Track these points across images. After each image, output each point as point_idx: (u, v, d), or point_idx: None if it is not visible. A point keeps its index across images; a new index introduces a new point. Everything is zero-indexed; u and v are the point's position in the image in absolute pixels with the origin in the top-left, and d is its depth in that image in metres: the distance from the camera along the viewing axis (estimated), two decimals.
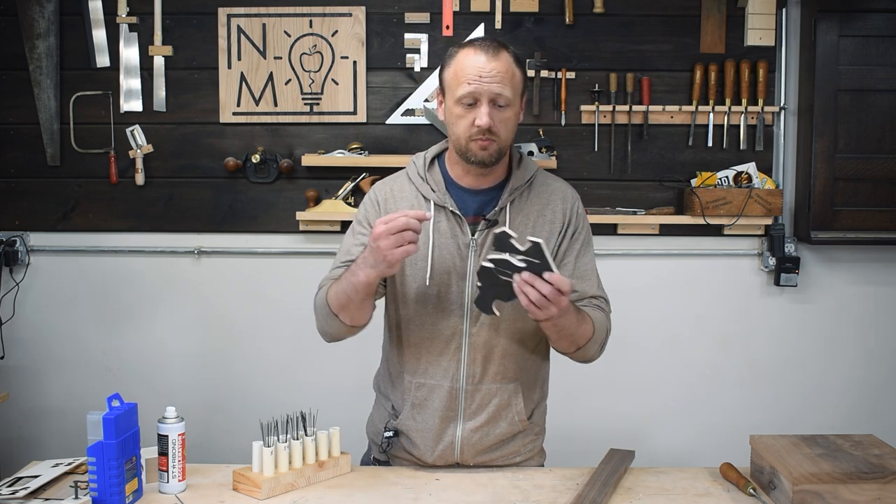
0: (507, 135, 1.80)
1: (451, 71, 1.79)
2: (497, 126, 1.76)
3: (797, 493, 1.63)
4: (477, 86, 1.74)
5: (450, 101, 1.79)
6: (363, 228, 1.90)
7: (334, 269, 1.90)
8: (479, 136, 1.76)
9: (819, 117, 3.08)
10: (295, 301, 3.14)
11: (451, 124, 1.81)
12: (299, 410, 1.82)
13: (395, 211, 1.83)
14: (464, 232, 1.84)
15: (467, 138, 1.77)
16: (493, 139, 1.76)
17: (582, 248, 1.91)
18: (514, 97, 1.78)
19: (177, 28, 3.20)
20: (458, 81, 1.76)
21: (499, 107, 1.76)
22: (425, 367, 1.88)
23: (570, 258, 1.89)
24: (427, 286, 1.84)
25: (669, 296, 3.25)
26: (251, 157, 3.18)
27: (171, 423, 1.75)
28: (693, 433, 3.29)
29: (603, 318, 1.88)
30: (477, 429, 1.88)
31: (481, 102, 1.75)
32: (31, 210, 3.26)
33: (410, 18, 3.18)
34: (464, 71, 1.76)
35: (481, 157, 1.78)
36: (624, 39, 3.18)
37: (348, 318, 1.80)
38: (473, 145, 1.77)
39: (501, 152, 1.81)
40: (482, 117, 1.74)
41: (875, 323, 3.27)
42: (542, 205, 1.89)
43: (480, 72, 1.74)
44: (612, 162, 3.20)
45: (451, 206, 1.84)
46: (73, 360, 3.29)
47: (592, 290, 1.90)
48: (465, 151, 1.79)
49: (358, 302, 1.76)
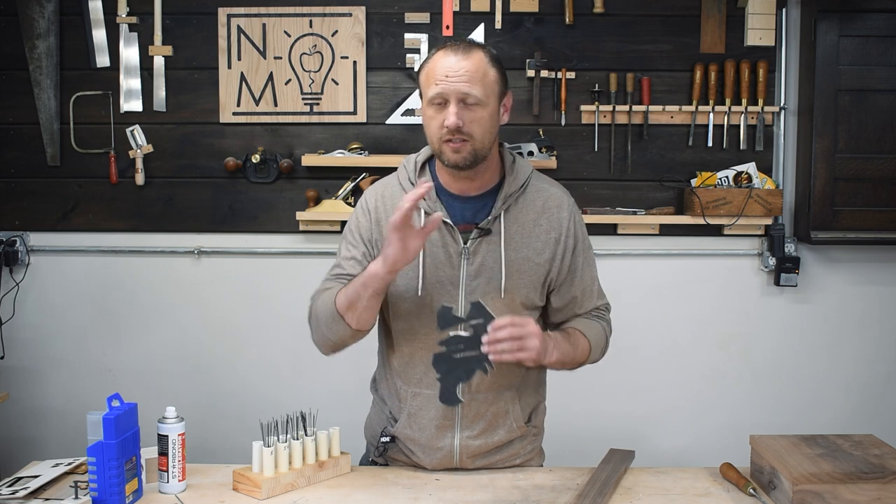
0: (483, 135, 1.74)
1: (424, 73, 1.77)
2: (469, 126, 1.71)
3: (797, 493, 1.63)
4: (444, 85, 1.70)
5: (423, 102, 1.77)
6: (354, 240, 1.88)
7: (326, 282, 1.88)
8: (449, 136, 1.72)
9: (819, 117, 3.08)
10: (295, 301, 3.11)
11: (426, 125, 1.78)
12: (299, 410, 1.82)
13: (386, 218, 1.82)
14: (455, 240, 1.80)
15: (439, 140, 1.74)
16: (465, 140, 1.72)
17: (585, 261, 1.89)
18: (486, 96, 1.73)
19: (177, 28, 3.20)
20: (429, 82, 1.73)
21: (468, 106, 1.72)
22: (420, 376, 1.86)
23: (577, 275, 1.88)
24: (419, 296, 1.81)
25: (669, 296, 3.25)
26: (251, 157, 3.18)
27: (171, 423, 1.75)
28: (693, 433, 3.29)
29: (600, 328, 1.90)
30: (475, 437, 1.87)
31: (450, 102, 1.71)
32: (31, 210, 3.26)
33: (410, 18, 3.18)
34: (434, 72, 1.73)
35: (454, 161, 1.74)
36: (624, 39, 3.18)
37: (354, 320, 1.74)
38: (446, 148, 1.74)
39: (478, 154, 1.75)
40: (450, 117, 1.70)
41: (875, 323, 3.27)
42: (537, 213, 1.85)
43: (448, 71, 1.71)
44: (612, 162, 3.20)
45: (443, 216, 1.80)
46: (73, 360, 3.29)
47: (593, 302, 1.91)
48: (440, 154, 1.76)
49: (367, 299, 1.71)
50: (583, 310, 1.91)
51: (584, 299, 1.90)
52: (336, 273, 1.87)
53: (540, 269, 1.84)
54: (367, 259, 1.85)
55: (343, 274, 1.86)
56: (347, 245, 1.89)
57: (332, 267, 1.92)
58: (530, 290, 1.83)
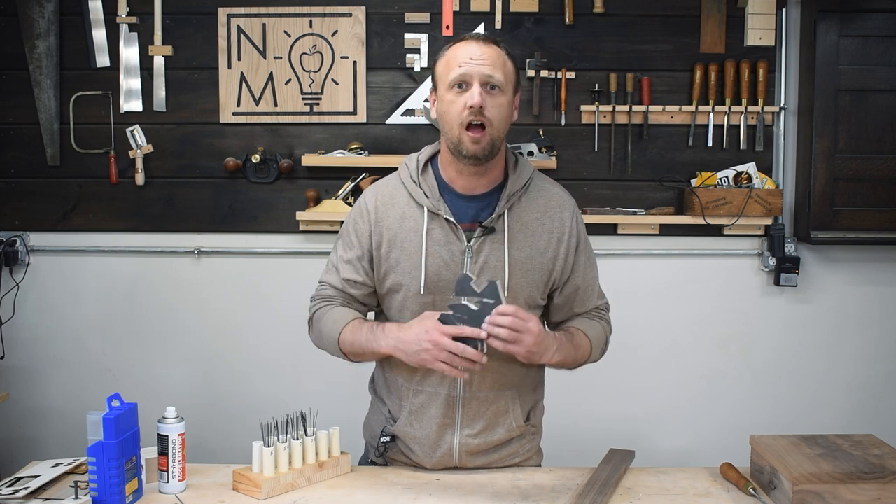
0: (500, 124, 1.76)
1: (442, 62, 1.79)
2: (490, 111, 1.73)
3: (797, 493, 1.64)
4: (468, 67, 1.73)
5: (442, 90, 1.77)
6: (350, 241, 1.88)
7: (323, 290, 1.92)
8: (472, 117, 1.72)
9: (819, 117, 3.08)
10: (295, 301, 3.12)
11: (444, 112, 1.77)
12: (299, 410, 1.82)
13: (388, 218, 1.83)
14: (459, 239, 1.80)
15: (460, 125, 1.73)
16: (484, 125, 1.73)
17: (587, 261, 1.90)
18: (506, 84, 1.76)
19: (177, 28, 3.20)
20: (450, 68, 1.75)
21: (491, 91, 1.74)
22: (422, 375, 1.86)
23: (578, 274, 1.88)
24: (422, 295, 1.81)
25: (669, 296, 3.25)
26: (251, 157, 3.18)
27: (171, 423, 1.75)
28: (693, 433, 3.29)
29: (600, 328, 1.91)
30: (474, 435, 1.87)
31: (472, 83, 1.72)
32: (31, 210, 3.26)
33: (410, 18, 3.18)
34: (455, 58, 1.75)
35: (473, 151, 1.74)
36: (624, 39, 3.18)
37: (355, 359, 1.88)
38: (465, 137, 1.73)
39: (494, 146, 1.76)
40: (474, 96, 1.71)
41: (875, 323, 3.27)
42: (539, 212, 1.85)
43: (471, 55, 1.73)
44: (612, 162, 3.20)
45: (446, 214, 1.80)
46: (73, 360, 3.29)
47: (593, 302, 1.93)
48: (458, 144, 1.75)
49: (368, 354, 1.84)
50: (583, 309, 1.92)
51: (585, 299, 1.91)
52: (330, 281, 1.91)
53: (543, 269, 1.84)
54: (362, 263, 1.86)
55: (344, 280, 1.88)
56: (344, 246, 1.89)
57: (328, 266, 1.93)
58: (533, 289, 1.84)
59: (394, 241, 1.83)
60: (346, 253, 1.88)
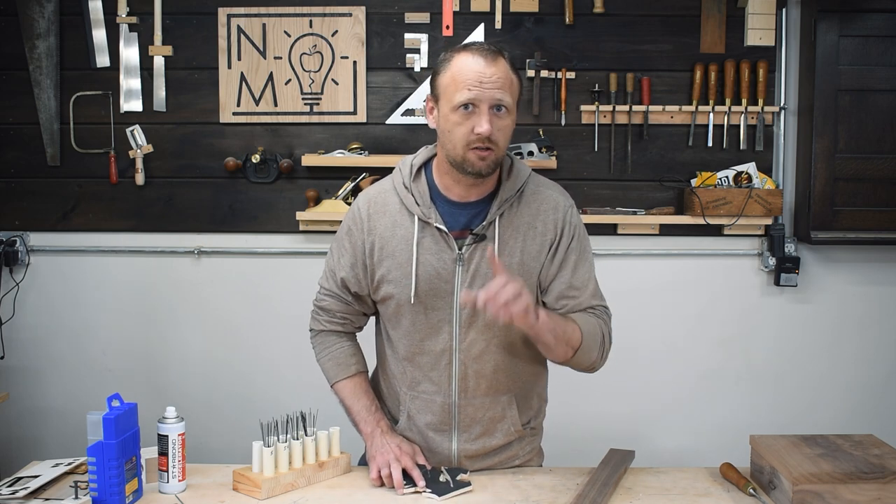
0: (505, 143, 1.73)
1: (447, 76, 1.70)
2: (496, 134, 1.68)
3: (797, 493, 1.64)
4: (478, 91, 1.66)
5: (446, 108, 1.71)
6: (344, 247, 1.87)
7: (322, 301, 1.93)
8: (479, 143, 1.68)
9: (819, 117, 3.08)
10: (295, 301, 3.12)
11: (447, 132, 1.71)
12: (299, 410, 1.82)
13: (379, 225, 1.82)
14: (450, 247, 1.78)
15: (465, 146, 1.69)
16: (491, 148, 1.69)
17: (578, 258, 1.83)
18: (513, 105, 1.72)
19: (177, 28, 3.20)
20: (457, 87, 1.68)
21: (498, 114, 1.69)
22: (418, 381, 1.86)
23: (567, 270, 1.82)
24: (413, 304, 1.80)
25: (669, 296, 3.25)
26: (251, 157, 3.18)
27: (171, 423, 1.75)
28: (693, 433, 3.29)
29: (596, 323, 1.81)
30: (472, 440, 1.87)
31: (481, 109, 1.67)
32: (31, 210, 3.26)
33: (410, 18, 3.18)
34: (462, 75, 1.67)
35: (479, 168, 1.71)
36: (624, 39, 3.18)
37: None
38: (471, 155, 1.69)
39: (498, 162, 1.74)
40: (483, 124, 1.66)
41: (875, 323, 3.27)
42: (532, 216, 1.81)
43: (481, 77, 1.66)
44: (612, 162, 3.20)
45: (437, 223, 1.77)
46: (73, 360, 3.29)
47: (588, 299, 1.84)
48: (462, 162, 1.71)
49: (352, 420, 1.94)
50: (578, 305, 1.83)
51: (579, 295, 1.82)
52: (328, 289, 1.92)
53: (535, 272, 1.82)
54: (355, 269, 1.86)
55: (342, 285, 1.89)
56: (340, 250, 1.89)
57: (325, 271, 1.93)
58: None
59: (385, 249, 1.81)
60: (342, 258, 1.88)
